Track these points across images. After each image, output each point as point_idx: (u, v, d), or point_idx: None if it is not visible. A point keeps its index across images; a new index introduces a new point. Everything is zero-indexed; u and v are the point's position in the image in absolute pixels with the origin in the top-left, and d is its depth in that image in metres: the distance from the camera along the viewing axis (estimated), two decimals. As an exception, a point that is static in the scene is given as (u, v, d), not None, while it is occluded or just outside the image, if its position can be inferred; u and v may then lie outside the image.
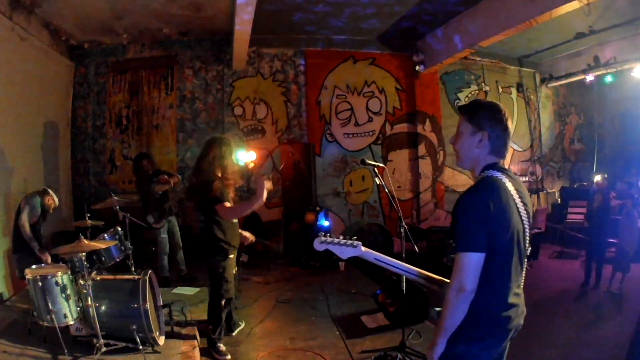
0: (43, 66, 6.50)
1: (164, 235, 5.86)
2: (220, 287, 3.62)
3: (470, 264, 1.71)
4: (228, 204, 3.47)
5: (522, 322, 1.85)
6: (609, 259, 5.90)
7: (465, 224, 1.74)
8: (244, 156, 6.39)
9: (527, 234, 1.87)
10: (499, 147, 1.88)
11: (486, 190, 1.78)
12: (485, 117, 1.87)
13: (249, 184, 7.81)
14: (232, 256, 3.68)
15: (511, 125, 1.92)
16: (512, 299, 1.80)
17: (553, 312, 4.82)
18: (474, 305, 1.74)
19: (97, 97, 7.73)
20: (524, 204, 1.87)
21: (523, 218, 1.85)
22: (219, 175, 3.61)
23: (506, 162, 1.98)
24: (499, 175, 1.84)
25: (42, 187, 4.75)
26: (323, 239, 2.06)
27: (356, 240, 2.05)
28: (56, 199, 4.75)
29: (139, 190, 6.01)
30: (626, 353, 3.06)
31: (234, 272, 3.84)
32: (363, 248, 2.05)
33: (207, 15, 6.78)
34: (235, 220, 3.74)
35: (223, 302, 3.65)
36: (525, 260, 1.88)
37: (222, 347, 3.69)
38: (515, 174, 1.98)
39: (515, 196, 1.84)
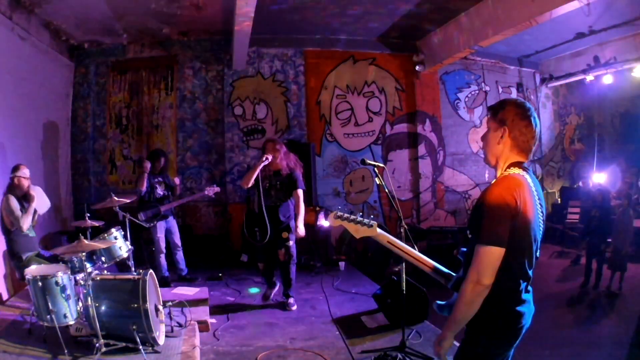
0: (43, 66, 6.50)
1: (160, 235, 5.85)
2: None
3: (492, 258, 1.71)
4: None
5: (530, 322, 1.86)
6: (607, 259, 5.90)
7: (491, 218, 1.74)
8: None
9: (541, 234, 1.90)
10: (522, 143, 1.88)
11: (511, 186, 1.78)
12: (507, 112, 1.89)
13: None
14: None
15: (538, 123, 1.91)
16: (525, 296, 1.82)
17: (552, 312, 4.83)
18: (491, 299, 1.75)
19: (97, 97, 7.73)
20: (541, 205, 1.89)
21: (540, 217, 1.87)
22: None
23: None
24: (522, 173, 1.85)
25: (10, 175, 4.50)
26: (339, 214, 2.00)
27: (372, 220, 2.00)
28: (24, 173, 4.48)
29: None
30: (626, 353, 3.06)
31: None
32: (378, 230, 2.00)
33: (207, 15, 6.78)
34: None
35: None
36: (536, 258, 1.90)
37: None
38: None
39: (535, 195, 1.86)
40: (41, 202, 4.69)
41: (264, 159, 4.75)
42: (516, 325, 1.81)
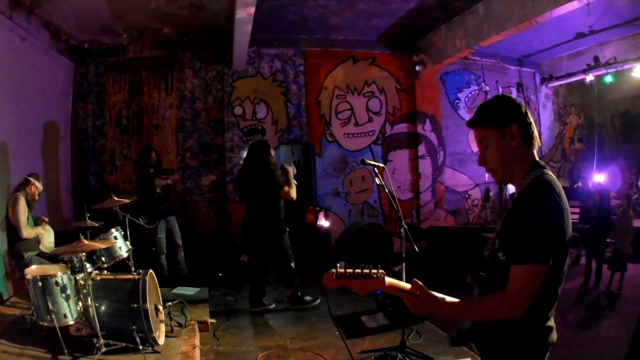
0: (43, 66, 6.50)
1: (161, 235, 5.86)
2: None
3: (538, 279, 1.49)
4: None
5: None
6: (607, 259, 5.90)
7: (540, 231, 1.49)
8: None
9: None
10: (530, 132, 1.63)
11: (554, 191, 1.54)
12: (502, 108, 1.65)
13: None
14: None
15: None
16: (553, 311, 1.67)
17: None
18: (527, 321, 1.56)
19: (97, 97, 7.72)
20: None
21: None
22: None
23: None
24: (550, 173, 1.61)
25: (23, 178, 4.74)
26: (340, 271, 1.65)
27: (380, 269, 1.68)
28: (39, 185, 4.77)
29: (140, 186, 6.01)
30: (626, 353, 3.06)
31: None
32: (387, 280, 1.71)
33: (207, 16, 6.78)
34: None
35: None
36: None
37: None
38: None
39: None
40: (48, 237, 4.85)
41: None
42: (547, 342, 1.65)
